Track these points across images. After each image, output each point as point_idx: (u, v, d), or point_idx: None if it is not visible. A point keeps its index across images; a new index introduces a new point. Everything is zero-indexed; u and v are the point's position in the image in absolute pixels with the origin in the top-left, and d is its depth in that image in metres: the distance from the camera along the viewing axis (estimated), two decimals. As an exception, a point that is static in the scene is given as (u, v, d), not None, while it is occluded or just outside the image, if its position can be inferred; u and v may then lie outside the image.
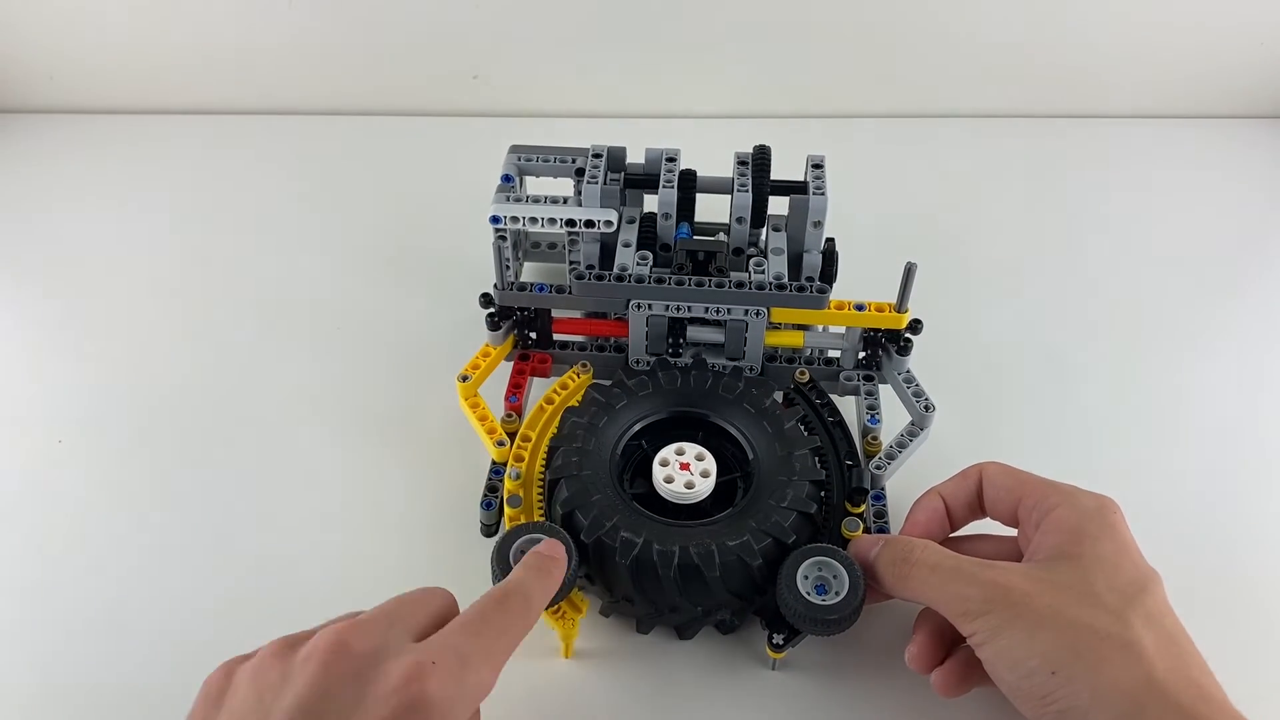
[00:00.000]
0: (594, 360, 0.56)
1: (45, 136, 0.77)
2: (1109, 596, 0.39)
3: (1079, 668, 0.37)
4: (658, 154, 0.56)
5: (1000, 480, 0.45)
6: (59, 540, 0.51)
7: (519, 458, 0.50)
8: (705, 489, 0.46)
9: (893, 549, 0.43)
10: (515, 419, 0.52)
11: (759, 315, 0.52)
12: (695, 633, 0.46)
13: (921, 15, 0.76)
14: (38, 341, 0.62)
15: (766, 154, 0.56)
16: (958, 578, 0.41)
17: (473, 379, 0.53)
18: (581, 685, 0.46)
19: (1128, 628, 0.38)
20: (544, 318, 0.56)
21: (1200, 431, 0.58)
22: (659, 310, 0.52)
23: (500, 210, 0.53)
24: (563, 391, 0.53)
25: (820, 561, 0.43)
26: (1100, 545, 0.41)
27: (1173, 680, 0.37)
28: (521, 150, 0.58)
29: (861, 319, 0.52)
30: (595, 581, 0.45)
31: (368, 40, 0.76)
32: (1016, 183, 0.75)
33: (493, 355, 0.55)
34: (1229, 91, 0.80)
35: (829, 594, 0.43)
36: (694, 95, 0.80)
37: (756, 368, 0.54)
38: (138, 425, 0.57)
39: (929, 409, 0.51)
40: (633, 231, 0.55)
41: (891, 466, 0.50)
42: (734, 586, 0.44)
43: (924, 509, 0.47)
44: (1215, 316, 0.65)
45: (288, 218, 0.71)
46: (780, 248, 0.54)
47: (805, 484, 0.46)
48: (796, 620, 0.43)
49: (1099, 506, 0.42)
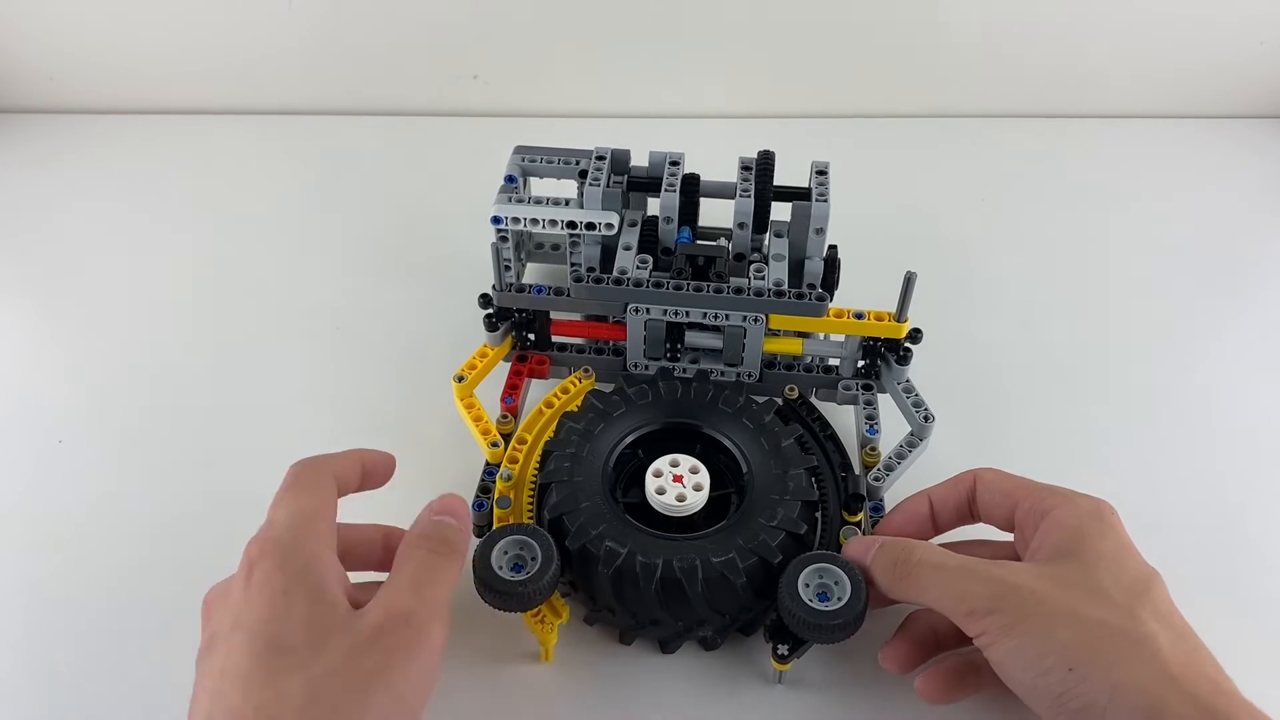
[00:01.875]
0: (592, 363, 0.56)
1: (45, 136, 0.77)
2: (1116, 593, 0.39)
3: (1096, 664, 0.37)
4: (661, 157, 0.56)
5: (996, 484, 0.45)
6: (59, 540, 0.51)
7: (513, 459, 0.50)
8: (697, 502, 0.46)
9: (891, 550, 0.43)
10: (510, 420, 0.53)
11: (757, 322, 0.52)
12: (677, 647, 0.47)
13: (922, 16, 0.75)
14: (38, 341, 0.62)
15: (770, 159, 0.55)
16: (963, 576, 0.40)
17: (468, 379, 0.53)
18: (560, 693, 0.46)
19: (1140, 623, 0.38)
20: (542, 320, 0.56)
21: (1201, 436, 0.58)
22: (657, 315, 0.52)
23: (502, 211, 0.53)
24: (563, 396, 0.53)
25: (821, 568, 0.43)
26: (1102, 543, 0.41)
27: (1189, 675, 0.37)
28: (526, 151, 0.58)
29: (860, 327, 0.52)
30: (579, 589, 0.46)
31: (368, 40, 0.76)
32: (1017, 183, 0.75)
33: (490, 356, 0.55)
34: (1229, 91, 0.80)
35: (831, 600, 0.42)
36: (695, 95, 0.80)
37: (755, 374, 0.54)
38: (138, 425, 0.57)
39: (928, 419, 0.51)
40: (634, 234, 0.55)
41: (890, 477, 0.50)
42: (717, 603, 0.44)
43: (905, 510, 0.47)
44: (1216, 318, 0.65)
45: (287, 218, 0.71)
46: (781, 254, 0.54)
47: (797, 504, 0.46)
48: (801, 629, 0.42)
49: (1097, 507, 0.42)
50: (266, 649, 0.35)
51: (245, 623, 0.36)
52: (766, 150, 0.56)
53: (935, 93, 0.80)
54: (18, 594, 0.49)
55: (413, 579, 0.39)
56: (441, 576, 0.40)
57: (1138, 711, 0.36)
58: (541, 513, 0.47)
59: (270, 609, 0.36)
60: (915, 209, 0.72)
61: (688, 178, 0.55)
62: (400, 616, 0.37)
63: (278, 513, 0.40)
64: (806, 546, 0.46)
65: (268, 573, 0.37)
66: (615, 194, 0.54)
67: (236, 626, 0.36)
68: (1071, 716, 0.37)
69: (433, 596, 0.39)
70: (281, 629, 0.36)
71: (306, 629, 0.36)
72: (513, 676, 0.46)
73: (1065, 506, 0.42)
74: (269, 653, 0.35)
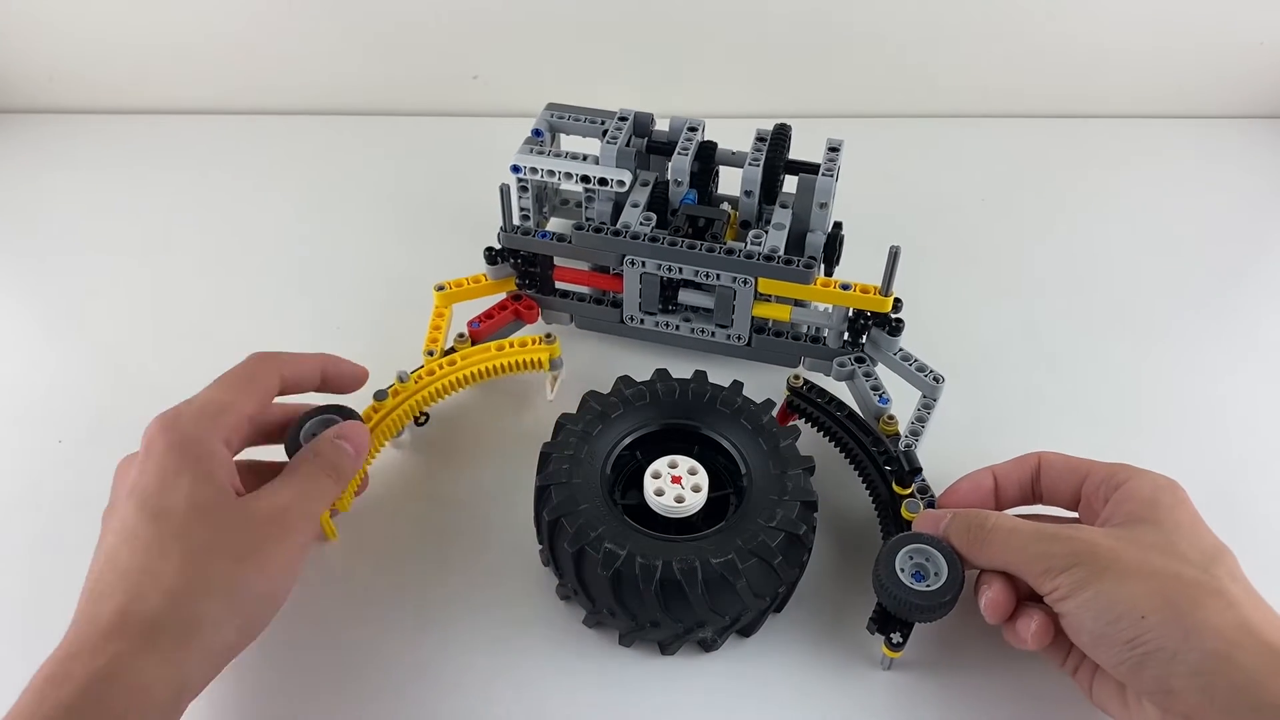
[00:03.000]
0: (589, 311, 0.58)
1: (45, 136, 0.77)
2: (1193, 554, 0.40)
3: (1171, 612, 0.37)
4: (681, 122, 0.58)
5: (1061, 464, 0.46)
6: (59, 540, 0.51)
7: (431, 371, 0.53)
8: (696, 503, 0.46)
9: (965, 518, 0.44)
10: (467, 341, 0.55)
11: (746, 284, 0.53)
12: (677, 649, 0.47)
13: (922, 16, 0.75)
14: (38, 341, 0.63)
15: (786, 132, 0.57)
16: (1039, 537, 0.41)
17: (449, 291, 0.57)
18: (560, 695, 0.46)
19: (1215, 579, 0.39)
20: (545, 265, 0.57)
21: (1202, 431, 0.58)
22: (651, 269, 0.54)
23: (521, 160, 0.57)
24: (517, 349, 0.55)
25: (912, 549, 0.44)
26: (1177, 513, 0.42)
27: (1264, 623, 0.37)
28: (556, 109, 0.61)
29: (846, 298, 0.53)
30: (579, 592, 0.46)
31: (368, 40, 0.76)
32: (1017, 183, 0.75)
33: (482, 284, 0.57)
34: (1229, 91, 0.80)
35: (929, 578, 0.43)
36: (696, 95, 0.80)
37: (744, 337, 0.55)
38: (138, 425, 0.57)
39: (938, 380, 0.52)
40: (644, 194, 0.57)
41: (917, 443, 0.51)
42: (717, 604, 0.44)
43: (971, 480, 0.48)
44: (1216, 314, 0.65)
45: (287, 218, 0.71)
46: (782, 223, 0.55)
47: (796, 504, 0.46)
48: (910, 612, 0.43)
49: (1170, 482, 0.43)
50: (154, 516, 0.40)
51: (138, 491, 0.41)
52: (783, 123, 0.57)
53: (935, 93, 0.80)
54: (18, 594, 0.49)
55: (299, 487, 0.44)
56: (322, 493, 0.45)
57: (1209, 655, 0.36)
58: (541, 514, 0.47)
59: (160, 482, 0.41)
60: (915, 209, 0.73)
61: (704, 144, 0.57)
62: (279, 510, 0.42)
63: (197, 396, 0.45)
64: (806, 547, 0.46)
65: (162, 452, 0.42)
66: (630, 153, 0.56)
67: (131, 493, 0.41)
68: (1140, 662, 0.38)
69: (310, 506, 0.44)
70: (169, 501, 0.40)
71: (190, 504, 0.40)
72: (514, 676, 0.46)
73: (1139, 479, 0.43)
74: (156, 519, 0.40)
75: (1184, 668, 0.37)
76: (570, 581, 0.46)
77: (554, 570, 0.48)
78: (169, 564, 0.39)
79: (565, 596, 0.48)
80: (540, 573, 0.50)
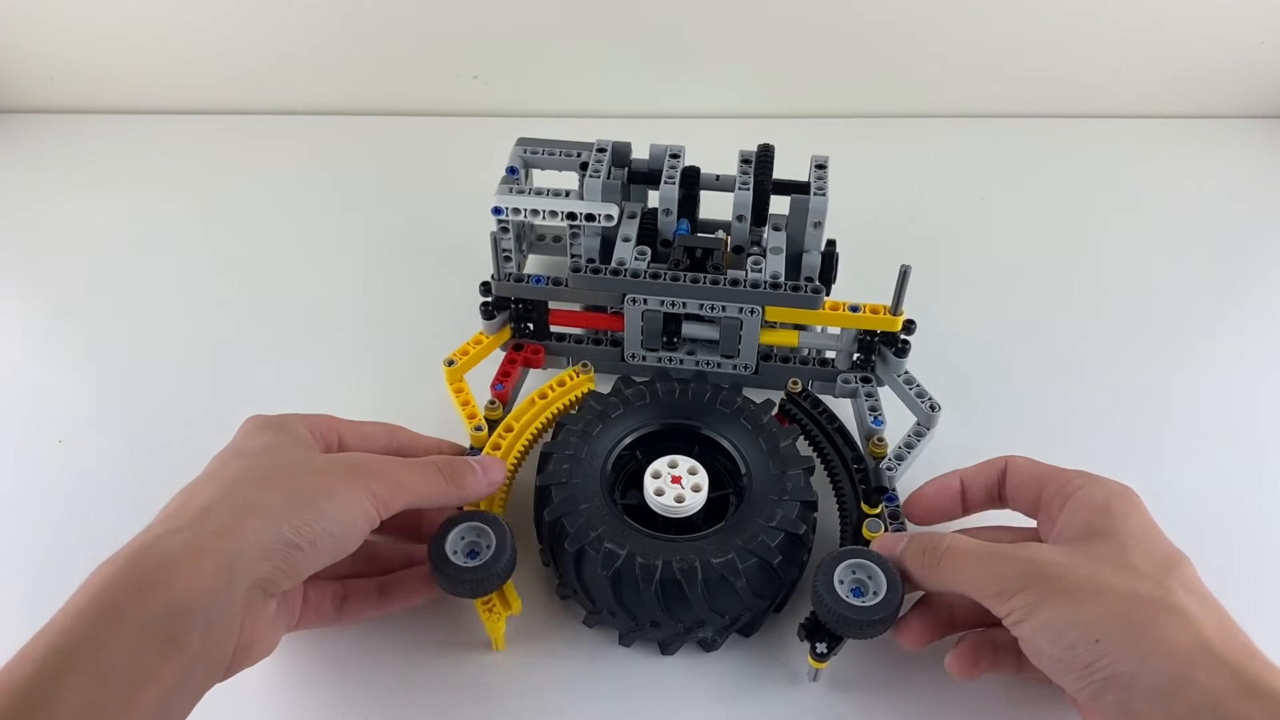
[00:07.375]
0: (590, 353, 0.56)
1: (45, 136, 0.78)
2: (1146, 567, 0.39)
3: (1125, 634, 0.37)
4: (661, 150, 0.57)
5: (1025, 470, 0.46)
6: (59, 540, 0.51)
7: (495, 445, 0.50)
8: (696, 503, 0.46)
9: (920, 541, 0.43)
10: (499, 407, 0.52)
11: (753, 314, 0.52)
12: (677, 649, 0.47)
13: (923, 16, 0.75)
14: (38, 341, 0.63)
15: (769, 153, 0.56)
16: (992, 559, 0.41)
17: (459, 364, 0.53)
18: (560, 695, 0.46)
19: (1171, 593, 0.38)
20: (541, 310, 0.56)
21: (1202, 430, 0.58)
22: (654, 306, 0.53)
23: (503, 201, 0.54)
24: (559, 389, 0.53)
25: (854, 564, 0.43)
26: (1130, 521, 0.41)
27: (1221, 641, 0.37)
28: (528, 143, 0.59)
29: (856, 320, 0.52)
30: (578, 592, 0.46)
31: (368, 40, 0.76)
32: (1017, 183, 0.76)
33: (485, 343, 0.55)
34: (1229, 91, 0.80)
35: (866, 595, 0.42)
36: (696, 95, 0.80)
37: (751, 366, 0.54)
38: (138, 425, 0.57)
39: (934, 409, 0.51)
40: (633, 226, 0.55)
41: (901, 467, 0.50)
42: (717, 604, 0.44)
43: (937, 484, 0.47)
44: (1216, 315, 0.65)
45: (287, 218, 0.71)
46: (779, 247, 0.54)
47: (796, 504, 0.46)
48: (839, 626, 0.42)
49: (1123, 489, 0.43)
50: (226, 453, 0.43)
51: (228, 449, 0.43)
52: (766, 144, 0.56)
53: (935, 93, 0.80)
54: (18, 594, 0.49)
55: (406, 465, 0.43)
56: (423, 486, 0.43)
57: (1168, 676, 0.36)
58: (541, 515, 0.47)
59: (241, 437, 0.43)
60: (915, 209, 0.73)
61: (687, 170, 0.56)
62: (363, 460, 0.43)
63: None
64: (806, 547, 0.46)
65: (258, 428, 0.44)
66: (615, 186, 0.55)
67: (222, 452, 0.43)
68: (1100, 687, 0.37)
69: (401, 475, 0.43)
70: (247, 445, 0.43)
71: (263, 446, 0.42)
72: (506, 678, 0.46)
73: (1092, 486, 0.43)
74: (226, 453, 0.43)
75: (1144, 690, 0.36)
76: (570, 581, 0.46)
77: (554, 570, 0.48)
78: (229, 469, 0.41)
79: (565, 596, 0.48)
80: (540, 573, 0.50)
